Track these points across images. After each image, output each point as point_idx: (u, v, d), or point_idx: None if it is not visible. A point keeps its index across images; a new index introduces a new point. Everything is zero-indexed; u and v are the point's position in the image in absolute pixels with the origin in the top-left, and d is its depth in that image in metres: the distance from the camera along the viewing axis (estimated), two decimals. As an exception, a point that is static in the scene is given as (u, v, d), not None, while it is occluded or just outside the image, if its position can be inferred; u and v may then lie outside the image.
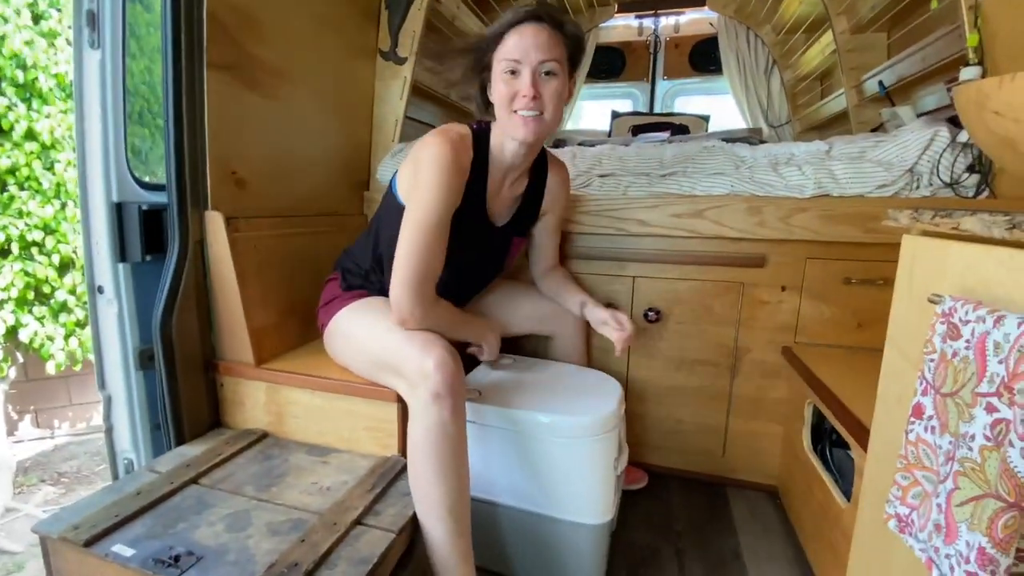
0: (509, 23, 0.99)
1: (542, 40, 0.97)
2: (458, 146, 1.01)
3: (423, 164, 0.99)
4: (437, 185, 0.98)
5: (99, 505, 0.91)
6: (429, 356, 0.92)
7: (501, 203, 1.17)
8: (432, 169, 0.98)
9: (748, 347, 1.48)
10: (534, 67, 0.98)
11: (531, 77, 0.98)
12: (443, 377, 0.90)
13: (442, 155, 0.98)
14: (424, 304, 0.99)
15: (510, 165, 1.10)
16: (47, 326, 2.69)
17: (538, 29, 0.98)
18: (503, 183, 1.14)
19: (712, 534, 1.33)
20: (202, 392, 1.20)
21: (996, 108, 0.56)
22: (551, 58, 0.98)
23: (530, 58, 0.97)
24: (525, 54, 0.97)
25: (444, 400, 0.90)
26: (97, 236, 1.11)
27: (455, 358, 0.94)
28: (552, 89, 1.00)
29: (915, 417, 0.57)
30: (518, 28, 0.98)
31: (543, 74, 0.99)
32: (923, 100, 1.68)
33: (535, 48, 0.97)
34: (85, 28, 1.06)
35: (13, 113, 2.46)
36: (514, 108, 1.00)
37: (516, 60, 0.98)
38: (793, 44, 2.62)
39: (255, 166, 1.28)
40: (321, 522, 0.89)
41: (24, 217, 2.57)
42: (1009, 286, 0.52)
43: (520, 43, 0.97)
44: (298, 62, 1.40)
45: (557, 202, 1.27)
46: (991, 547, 0.43)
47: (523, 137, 1.01)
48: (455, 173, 1.00)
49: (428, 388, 0.90)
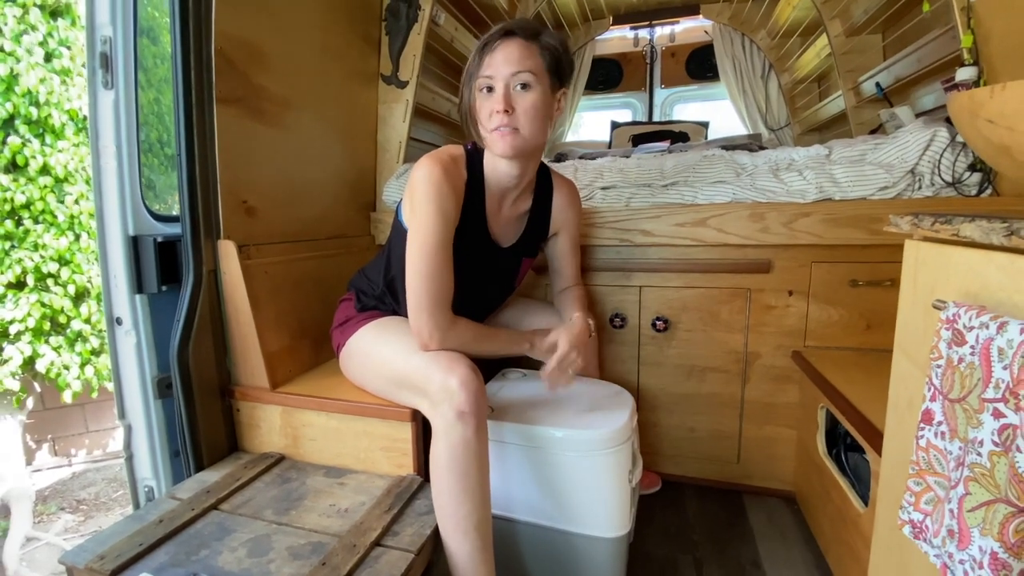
0: (482, 44, 0.99)
1: (513, 54, 0.97)
2: (448, 166, 1.02)
3: (416, 188, 1.00)
4: (431, 207, 0.98)
5: (123, 534, 0.93)
6: (453, 374, 0.93)
7: (504, 223, 1.16)
8: (424, 192, 0.99)
9: (758, 352, 1.48)
10: (506, 80, 0.97)
11: (503, 91, 0.97)
12: (468, 395, 0.91)
13: (432, 176, 0.99)
14: (442, 326, 1.00)
15: (505, 185, 1.10)
16: (63, 355, 2.74)
17: (509, 43, 0.97)
18: (502, 203, 1.14)
19: (730, 542, 1.33)
20: (219, 418, 1.22)
21: (989, 116, 0.57)
22: (523, 69, 0.96)
23: (501, 72, 0.97)
24: (496, 69, 0.97)
25: (468, 418, 0.91)
26: (115, 269, 1.14)
27: (478, 376, 0.95)
28: (528, 102, 0.98)
29: (925, 423, 0.58)
30: (491, 47, 0.98)
31: (517, 87, 0.97)
32: (921, 100, 1.69)
33: (505, 62, 0.96)
34: (99, 70, 1.10)
35: (28, 149, 2.53)
36: (491, 125, 0.99)
37: (489, 77, 0.98)
38: (789, 48, 2.65)
39: (264, 194, 1.31)
40: (341, 545, 0.90)
41: (39, 249, 2.63)
42: (1010, 290, 0.52)
43: (491, 60, 0.97)
44: (303, 90, 1.44)
45: (567, 222, 1.25)
46: (1003, 552, 0.43)
47: (500, 152, 1.00)
48: (448, 193, 1.00)
49: (453, 406, 0.91)
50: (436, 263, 0.99)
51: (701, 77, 3.19)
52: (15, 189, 2.53)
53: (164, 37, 1.83)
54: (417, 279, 0.99)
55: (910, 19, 1.79)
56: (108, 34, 1.10)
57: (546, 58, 1.00)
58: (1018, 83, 0.53)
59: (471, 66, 1.01)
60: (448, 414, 0.91)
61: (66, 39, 2.66)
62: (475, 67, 1.00)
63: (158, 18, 1.82)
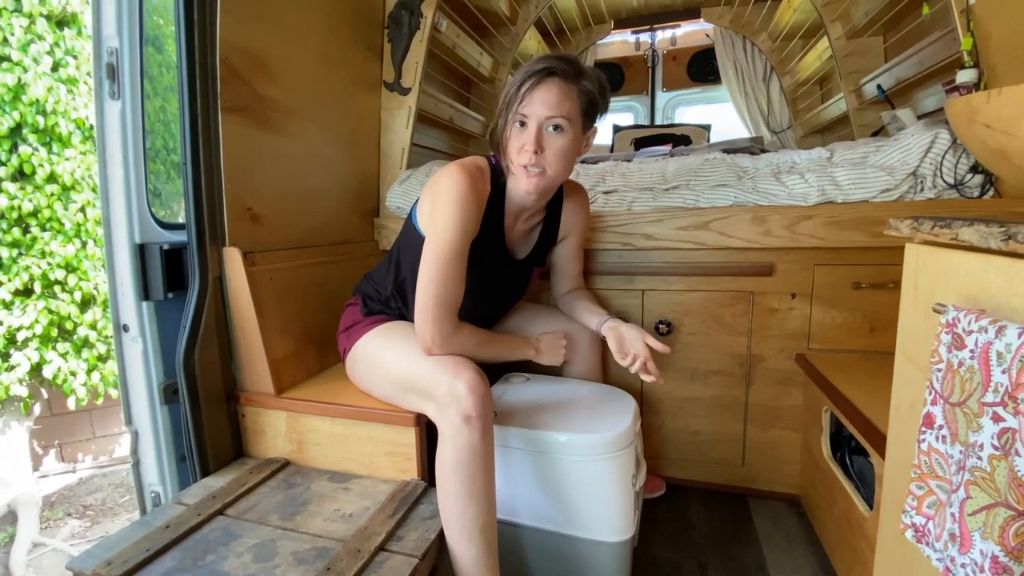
0: (525, 76, 0.99)
1: (552, 97, 0.97)
2: (476, 177, 1.03)
3: (441, 195, 1.01)
4: (455, 215, 0.99)
5: (130, 540, 0.93)
6: (460, 379, 0.94)
7: (519, 236, 1.19)
8: (450, 199, 0.99)
9: (761, 355, 1.48)
10: (540, 122, 0.98)
11: (536, 132, 0.98)
12: (475, 399, 0.92)
13: (460, 185, 1.00)
14: (446, 331, 1.01)
15: (523, 205, 1.12)
16: (70, 362, 2.76)
17: (550, 85, 0.98)
18: (519, 218, 1.16)
19: (735, 547, 1.32)
20: (225, 423, 1.23)
21: (986, 121, 0.57)
22: (559, 115, 0.98)
23: (536, 113, 0.98)
24: (532, 109, 0.98)
25: (475, 422, 0.92)
26: (122, 277, 1.15)
27: (485, 381, 0.97)
28: (558, 146, 1.00)
29: (926, 427, 0.58)
30: (532, 83, 0.98)
31: (550, 129, 0.99)
32: (923, 102, 1.69)
33: (543, 104, 0.97)
34: (105, 80, 1.11)
35: (35, 157, 2.56)
36: (520, 161, 1.01)
37: (524, 114, 0.99)
38: (790, 51, 2.65)
39: (269, 201, 1.32)
40: (345, 550, 0.91)
41: (47, 257, 2.65)
42: (1009, 294, 0.53)
43: (530, 98, 0.98)
44: (306, 98, 1.45)
45: (576, 226, 1.27)
46: (1004, 555, 0.43)
47: (524, 190, 1.03)
48: (473, 203, 1.01)
49: (460, 410, 0.92)
50: (450, 270, 1.00)
51: (703, 80, 3.20)
52: (22, 197, 2.55)
53: (169, 45, 1.85)
54: (429, 284, 1.00)
55: (911, 21, 1.79)
56: (114, 45, 1.11)
57: (582, 101, 1.01)
58: (1014, 88, 0.54)
59: (509, 95, 1.01)
60: (455, 418, 0.92)
61: (72, 48, 2.69)
62: (513, 98, 1.00)
63: (163, 26, 1.84)
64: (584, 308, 1.27)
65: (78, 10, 2.69)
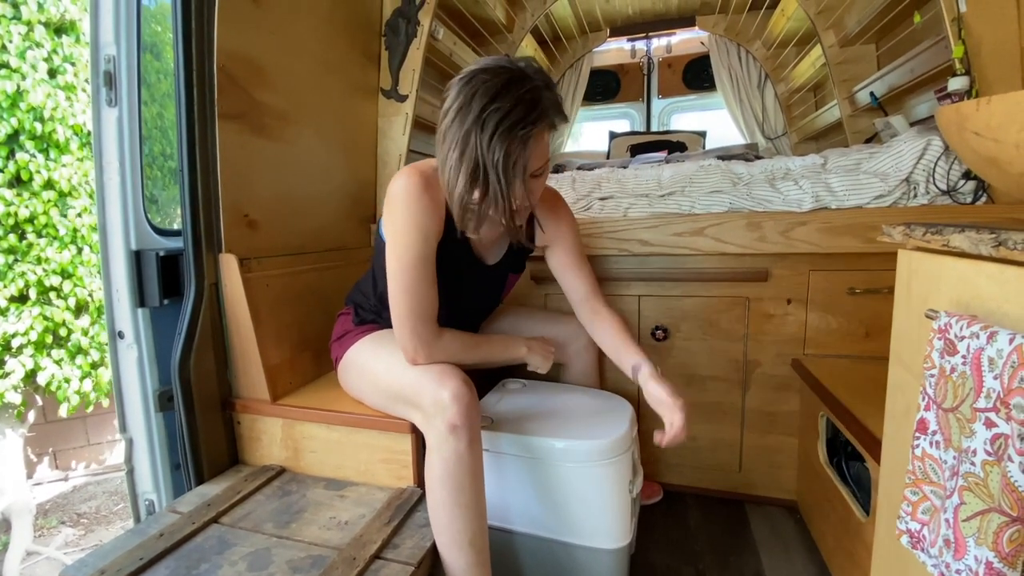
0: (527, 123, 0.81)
1: (544, 144, 0.88)
2: (431, 177, 0.96)
3: (394, 201, 0.96)
4: (410, 219, 0.94)
5: (124, 548, 0.93)
6: (445, 387, 0.93)
7: (487, 242, 1.11)
8: (404, 203, 0.94)
9: (757, 361, 1.48)
10: (538, 174, 0.90)
11: (523, 185, 0.86)
12: (460, 408, 0.91)
13: (413, 187, 0.94)
14: (426, 339, 0.99)
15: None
16: (64, 368, 2.74)
17: (542, 132, 0.86)
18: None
19: (733, 553, 1.32)
20: (220, 430, 1.23)
21: (975, 129, 0.58)
22: (547, 160, 0.91)
23: (532, 169, 0.87)
24: (535, 165, 0.87)
25: (461, 431, 0.91)
26: (117, 284, 1.15)
27: (471, 388, 0.95)
28: (542, 185, 0.95)
29: (920, 432, 0.58)
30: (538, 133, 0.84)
31: (536, 175, 0.90)
32: (915, 109, 1.71)
33: (536, 159, 0.87)
34: (103, 88, 1.12)
35: (32, 164, 2.56)
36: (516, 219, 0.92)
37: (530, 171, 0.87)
38: (784, 58, 2.68)
39: (266, 207, 1.32)
40: (340, 558, 0.90)
41: (42, 263, 2.65)
42: (1000, 300, 0.53)
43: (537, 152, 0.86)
44: (303, 105, 1.46)
45: (556, 233, 1.15)
46: (998, 561, 0.43)
47: (517, 225, 0.96)
48: (428, 204, 0.95)
49: (445, 420, 0.91)
50: (416, 277, 0.96)
51: (698, 87, 3.23)
52: (19, 203, 2.55)
53: (167, 52, 1.85)
54: (398, 295, 0.98)
55: (903, 30, 1.81)
56: (112, 53, 1.12)
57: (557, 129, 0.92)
58: (1003, 96, 0.55)
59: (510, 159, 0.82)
60: (441, 428, 0.91)
61: (71, 55, 2.70)
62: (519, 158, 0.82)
63: (161, 33, 1.84)
64: (621, 347, 1.10)
65: (76, 17, 2.70)
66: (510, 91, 0.80)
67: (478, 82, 0.81)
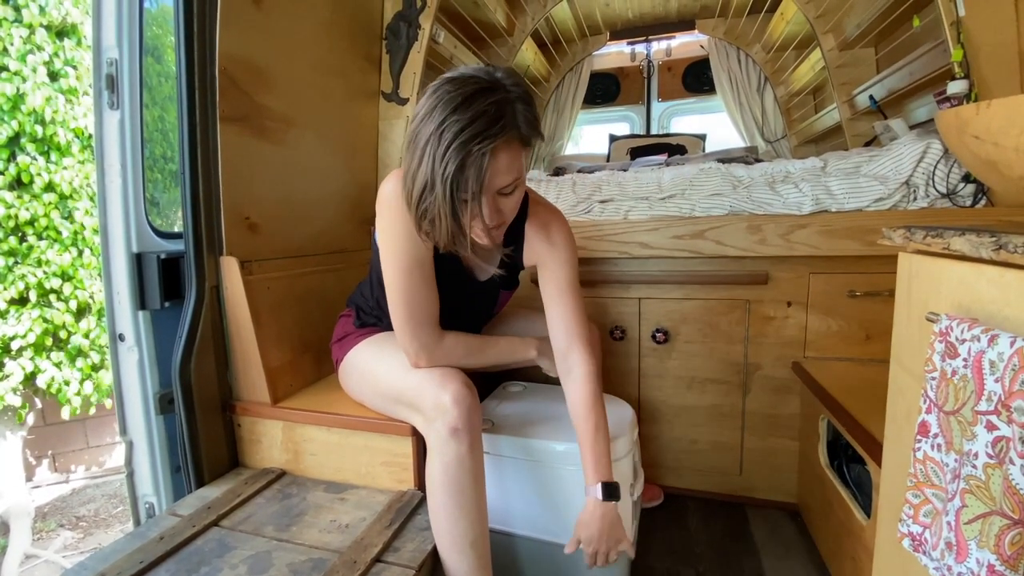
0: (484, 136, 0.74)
1: (509, 161, 0.79)
2: None
3: (383, 206, 0.94)
4: (399, 224, 0.92)
5: (124, 552, 0.92)
6: (446, 391, 0.93)
7: (475, 257, 1.05)
8: (389, 209, 0.92)
9: (758, 364, 1.48)
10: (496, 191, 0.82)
11: (492, 203, 0.82)
12: (461, 412, 0.91)
13: (399, 192, 0.88)
14: (427, 342, 0.99)
15: None
16: (64, 371, 2.74)
17: (507, 147, 0.78)
18: None
19: (733, 556, 1.32)
20: (220, 433, 1.23)
21: (975, 133, 0.58)
22: (517, 175, 0.82)
23: (494, 188, 0.81)
24: (492, 185, 0.80)
25: (462, 434, 0.90)
26: (118, 286, 1.15)
27: (472, 391, 0.95)
28: (515, 201, 0.86)
29: (921, 435, 0.58)
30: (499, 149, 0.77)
31: (505, 193, 0.83)
32: (915, 112, 1.72)
33: (508, 172, 0.80)
34: (105, 91, 1.12)
35: (33, 166, 2.56)
36: (478, 230, 0.85)
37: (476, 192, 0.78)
38: (783, 62, 2.68)
39: (266, 210, 1.32)
40: (341, 561, 0.90)
41: (43, 265, 2.65)
42: (1001, 303, 0.53)
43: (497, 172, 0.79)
44: (304, 108, 1.46)
45: (545, 257, 1.03)
46: (1000, 564, 0.43)
47: (493, 245, 0.92)
48: None
49: (446, 423, 0.91)
50: (411, 282, 0.96)
51: (698, 90, 3.23)
52: (19, 206, 2.55)
53: (168, 56, 1.85)
54: (395, 300, 0.97)
55: (902, 33, 1.82)
56: (114, 56, 1.12)
57: (532, 140, 0.83)
58: (1002, 100, 0.55)
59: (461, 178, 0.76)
60: (442, 431, 0.91)
61: (72, 59, 2.71)
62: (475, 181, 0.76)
63: (162, 36, 1.85)
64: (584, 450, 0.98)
65: (78, 21, 2.71)
66: (474, 102, 0.74)
67: (443, 91, 0.76)
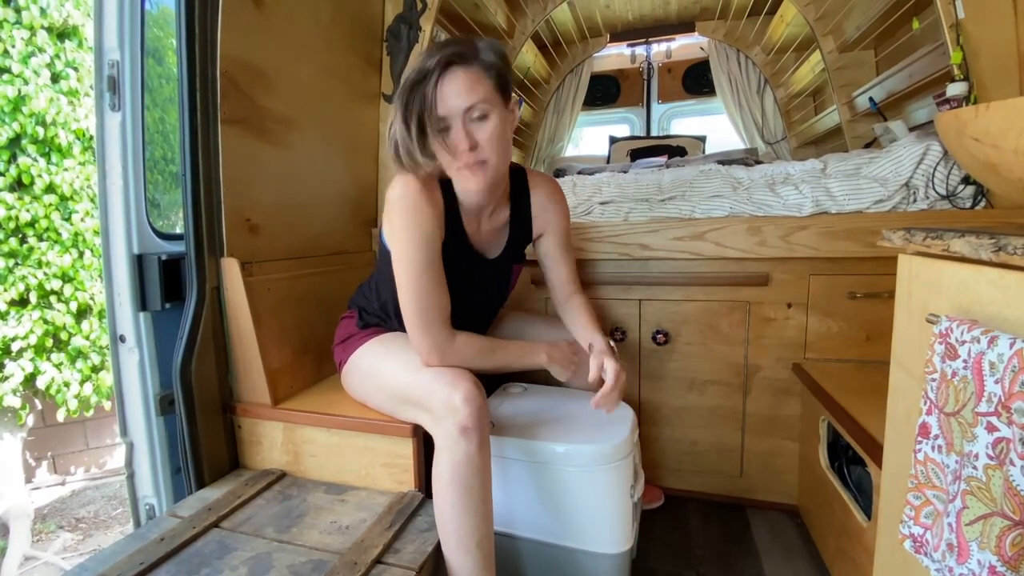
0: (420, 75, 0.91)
1: (461, 87, 0.91)
2: (427, 182, 1.00)
3: (393, 207, 0.99)
4: (411, 223, 0.97)
5: (124, 553, 0.92)
6: (457, 390, 0.94)
7: (486, 236, 1.14)
8: (403, 208, 0.97)
9: (758, 365, 1.48)
10: (462, 117, 0.92)
11: (463, 129, 0.92)
12: (471, 410, 0.92)
13: (408, 193, 0.97)
14: (440, 344, 1.00)
15: (478, 203, 1.08)
16: (64, 372, 2.74)
17: (452, 76, 0.91)
18: (480, 218, 1.11)
19: (734, 558, 1.32)
20: (221, 434, 1.23)
21: (974, 135, 0.58)
22: (478, 99, 0.92)
23: (454, 108, 0.91)
24: (447, 108, 0.91)
25: (472, 433, 0.91)
26: (119, 287, 1.15)
27: (482, 392, 0.96)
28: (488, 132, 0.94)
29: (922, 436, 0.58)
30: (435, 80, 0.90)
31: (474, 118, 0.93)
32: (914, 114, 1.72)
33: (456, 96, 0.91)
34: (106, 93, 1.12)
35: (35, 168, 2.56)
36: (458, 164, 0.95)
37: (442, 118, 0.92)
38: (783, 64, 2.69)
39: (267, 211, 1.33)
40: (342, 562, 0.90)
41: (43, 267, 2.65)
42: (1000, 305, 0.53)
43: (442, 98, 0.91)
44: (305, 110, 1.46)
45: (551, 221, 1.19)
46: (1001, 565, 0.43)
47: (476, 188, 0.98)
48: (427, 208, 0.98)
49: (456, 422, 0.91)
50: (424, 281, 0.99)
51: (698, 92, 3.24)
52: (20, 207, 2.55)
53: (169, 58, 1.86)
54: (408, 300, 0.99)
55: (901, 35, 1.82)
56: (116, 58, 1.12)
57: (492, 78, 0.94)
58: (1001, 103, 0.55)
59: (416, 104, 0.92)
60: (452, 430, 0.92)
61: (73, 61, 2.71)
62: (424, 106, 0.91)
63: (163, 39, 1.85)
64: (579, 323, 1.19)
65: (79, 23, 2.72)
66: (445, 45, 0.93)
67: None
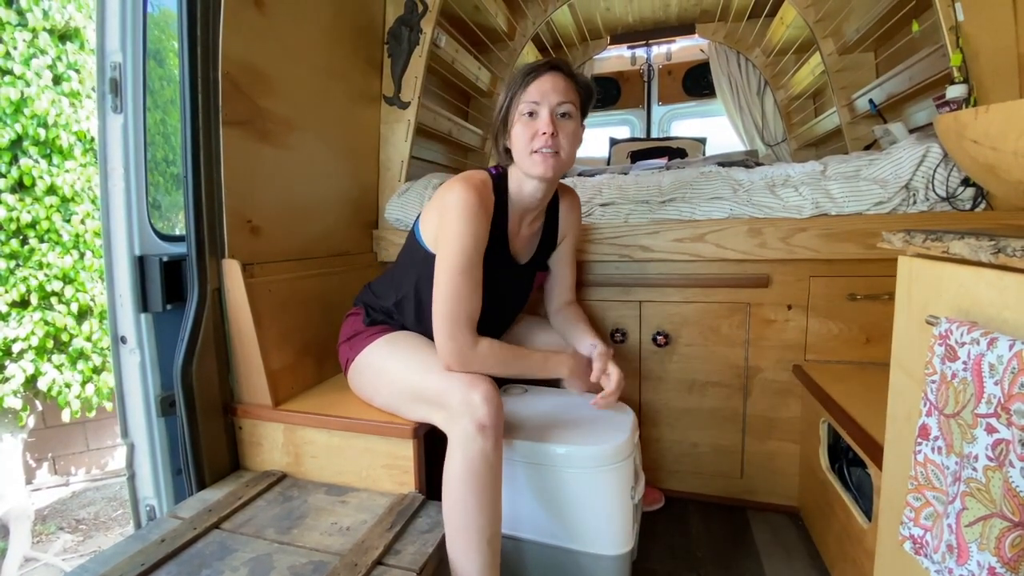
0: (528, 71, 1.07)
1: (559, 84, 1.06)
2: (481, 191, 1.06)
3: (449, 210, 1.04)
4: (465, 229, 1.02)
5: (125, 554, 0.92)
6: (476, 389, 0.96)
7: (522, 241, 1.21)
8: (459, 214, 1.02)
9: (758, 367, 1.48)
10: (552, 108, 1.05)
11: (549, 117, 1.05)
12: (490, 409, 0.94)
13: (468, 200, 1.03)
14: (463, 347, 1.02)
15: (527, 206, 1.16)
16: (65, 373, 2.74)
17: (555, 75, 1.06)
18: (521, 223, 1.19)
19: (735, 560, 1.31)
20: (222, 435, 1.23)
21: (974, 137, 0.59)
22: (567, 100, 1.06)
23: (549, 100, 1.05)
24: (544, 96, 1.05)
25: (489, 431, 0.93)
26: (121, 289, 1.16)
27: (499, 393, 0.99)
28: (568, 129, 1.07)
29: (922, 438, 0.58)
30: (537, 76, 1.06)
31: (560, 115, 1.06)
32: (914, 116, 1.72)
33: (553, 91, 1.05)
34: (108, 95, 1.13)
35: (36, 169, 2.57)
36: (533, 147, 1.05)
37: (535, 102, 1.05)
38: (783, 66, 2.69)
39: (269, 213, 1.33)
40: (342, 564, 0.90)
41: (44, 268, 2.65)
42: (1000, 307, 0.53)
43: (539, 87, 1.05)
44: (306, 112, 1.47)
45: (571, 227, 1.30)
46: (1001, 567, 0.43)
47: (541, 173, 1.06)
48: (481, 215, 1.04)
49: (474, 419, 0.93)
50: (464, 283, 1.02)
51: (698, 94, 3.25)
52: (21, 209, 2.56)
53: (170, 59, 1.87)
54: (444, 299, 1.02)
55: (901, 38, 1.82)
56: (118, 60, 1.13)
57: (581, 94, 1.10)
58: (1001, 105, 0.55)
59: (514, 89, 1.08)
60: (468, 427, 0.93)
61: (75, 63, 2.72)
62: (519, 91, 1.07)
63: (164, 41, 1.86)
64: (578, 329, 1.26)
65: (81, 25, 2.72)
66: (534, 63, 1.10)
67: None
